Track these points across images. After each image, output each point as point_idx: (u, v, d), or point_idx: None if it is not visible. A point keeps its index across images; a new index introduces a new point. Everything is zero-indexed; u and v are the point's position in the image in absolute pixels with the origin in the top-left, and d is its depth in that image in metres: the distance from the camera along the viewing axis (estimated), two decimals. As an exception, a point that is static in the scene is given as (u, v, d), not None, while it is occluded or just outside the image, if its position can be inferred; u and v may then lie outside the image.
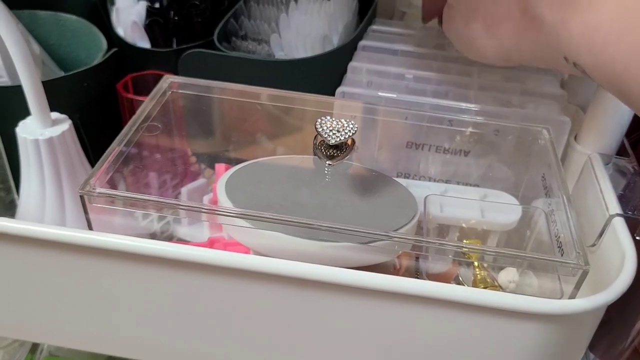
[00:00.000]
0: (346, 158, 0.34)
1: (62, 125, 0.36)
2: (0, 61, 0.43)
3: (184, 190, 0.43)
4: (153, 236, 0.43)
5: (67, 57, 0.51)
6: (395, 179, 0.40)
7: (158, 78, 0.49)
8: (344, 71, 0.45)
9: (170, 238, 0.43)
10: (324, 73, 0.45)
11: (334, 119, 0.34)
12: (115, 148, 0.33)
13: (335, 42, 0.49)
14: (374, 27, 0.50)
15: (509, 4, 0.31)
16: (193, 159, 0.47)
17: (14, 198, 0.45)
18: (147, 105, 0.37)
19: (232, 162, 0.44)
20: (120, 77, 0.48)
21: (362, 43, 0.46)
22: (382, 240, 0.30)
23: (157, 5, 0.48)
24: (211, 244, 0.38)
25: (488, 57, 0.35)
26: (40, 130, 0.35)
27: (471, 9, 0.35)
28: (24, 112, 0.36)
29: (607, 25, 0.25)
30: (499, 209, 0.38)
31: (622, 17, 0.24)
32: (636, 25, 0.24)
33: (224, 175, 0.37)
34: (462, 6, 0.36)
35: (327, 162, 0.34)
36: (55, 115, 0.37)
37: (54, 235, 0.29)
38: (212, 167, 0.47)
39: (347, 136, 0.34)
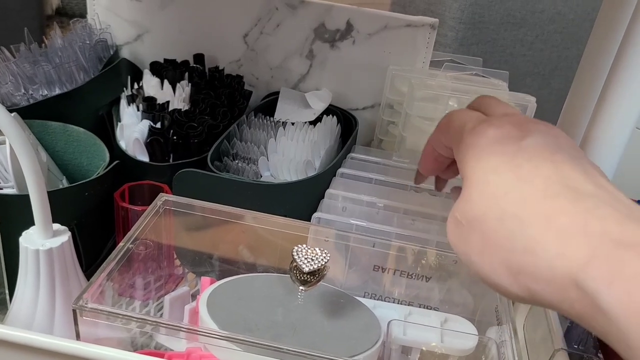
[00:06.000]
0: (318, 284, 0.38)
1: (62, 237, 0.39)
2: (11, 168, 0.47)
3: (167, 298, 0.45)
4: (133, 340, 0.45)
5: (71, 163, 0.56)
6: (363, 299, 0.43)
7: (153, 187, 0.53)
8: (323, 194, 0.50)
9: (148, 343, 0.46)
10: (304, 195, 0.50)
11: (309, 247, 0.38)
12: (108, 265, 0.37)
13: (317, 165, 0.54)
14: (352, 154, 0.55)
15: (554, 266, 0.24)
16: (178, 267, 0.51)
17: (5, 295, 0.47)
18: (142, 222, 0.41)
19: (215, 271, 0.48)
20: (118, 185, 0.52)
21: (340, 170, 0.52)
22: (345, 365, 0.33)
23: (158, 125, 0.53)
24: (188, 354, 0.41)
25: (506, 294, 0.27)
26: (42, 241, 0.39)
27: (492, 244, 0.26)
28: (27, 219, 0.40)
29: None
30: (457, 336, 0.41)
31: None
32: None
33: (207, 290, 0.41)
34: (476, 233, 0.27)
35: (300, 288, 0.38)
36: (56, 226, 0.40)
37: (42, 344, 0.32)
38: (195, 274, 0.51)
39: (320, 265, 0.37)
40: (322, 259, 0.38)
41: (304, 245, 0.38)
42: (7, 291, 0.48)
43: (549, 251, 0.24)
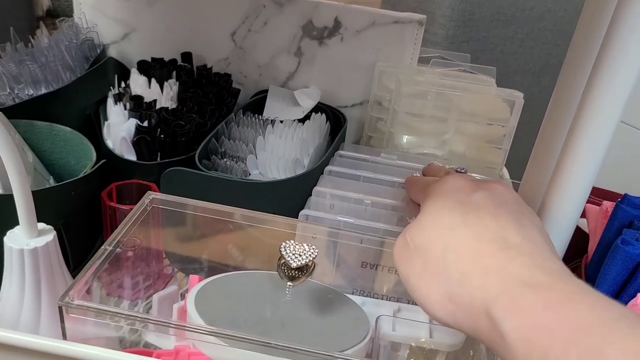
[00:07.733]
0: (306, 279, 0.38)
1: (47, 236, 0.39)
2: (-4, 169, 0.47)
3: (156, 297, 0.45)
4: (121, 339, 0.45)
5: (57, 163, 0.55)
6: (351, 295, 0.43)
7: (141, 186, 0.53)
8: (311, 192, 0.50)
9: (137, 342, 0.45)
10: (293, 193, 0.49)
11: (297, 243, 0.38)
12: (95, 262, 0.36)
13: (305, 163, 0.54)
14: (341, 152, 0.55)
15: (474, 297, 0.28)
16: (168, 267, 0.50)
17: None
18: (129, 220, 0.41)
19: (204, 270, 0.48)
20: (106, 185, 0.52)
21: (328, 168, 0.52)
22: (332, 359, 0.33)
23: (145, 123, 0.53)
24: (177, 352, 0.40)
25: (433, 316, 0.31)
26: (27, 240, 0.38)
27: (432, 271, 0.31)
28: (12, 219, 0.39)
29: None
30: (446, 331, 0.41)
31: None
32: None
33: (195, 287, 0.40)
34: (420, 258, 0.32)
35: (289, 283, 0.38)
36: (41, 225, 0.40)
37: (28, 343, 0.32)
38: (185, 273, 0.51)
39: (307, 260, 0.37)
40: (309, 255, 0.38)
41: (292, 241, 0.38)
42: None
43: (473, 283, 0.29)
